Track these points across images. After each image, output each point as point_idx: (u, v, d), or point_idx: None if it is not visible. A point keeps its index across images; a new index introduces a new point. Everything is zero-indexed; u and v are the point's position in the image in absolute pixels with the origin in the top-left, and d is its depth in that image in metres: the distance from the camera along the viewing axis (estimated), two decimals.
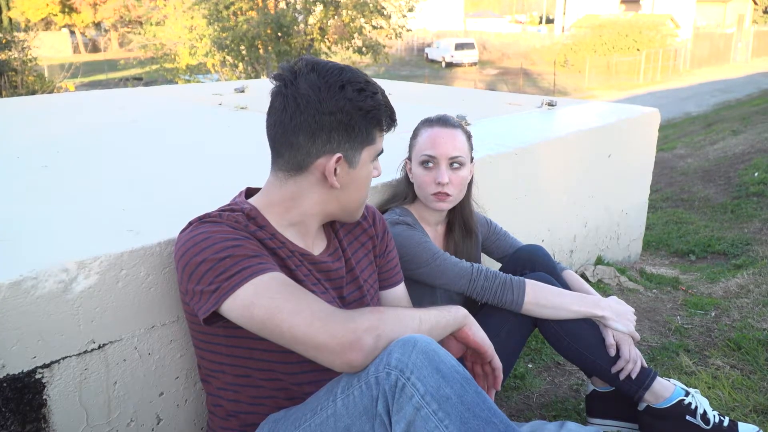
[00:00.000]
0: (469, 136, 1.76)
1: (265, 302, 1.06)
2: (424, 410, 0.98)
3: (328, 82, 1.17)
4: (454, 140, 1.69)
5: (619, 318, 1.60)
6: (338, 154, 1.20)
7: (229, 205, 1.28)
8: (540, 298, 1.59)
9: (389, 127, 1.27)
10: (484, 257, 2.01)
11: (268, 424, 1.21)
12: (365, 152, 1.24)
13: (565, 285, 1.73)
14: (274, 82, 1.21)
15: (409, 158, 1.77)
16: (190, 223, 1.22)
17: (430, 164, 1.68)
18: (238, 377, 1.24)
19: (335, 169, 1.21)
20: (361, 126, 1.20)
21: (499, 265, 1.92)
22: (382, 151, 1.29)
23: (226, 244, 1.12)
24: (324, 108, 1.16)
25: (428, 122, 1.75)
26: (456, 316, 1.24)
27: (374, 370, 1.03)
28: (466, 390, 1.01)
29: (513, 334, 1.64)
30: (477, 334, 1.26)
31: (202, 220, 1.20)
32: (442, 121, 1.72)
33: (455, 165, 1.68)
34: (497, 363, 1.30)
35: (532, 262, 1.75)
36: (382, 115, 1.23)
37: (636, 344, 1.64)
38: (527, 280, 1.61)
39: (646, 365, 1.62)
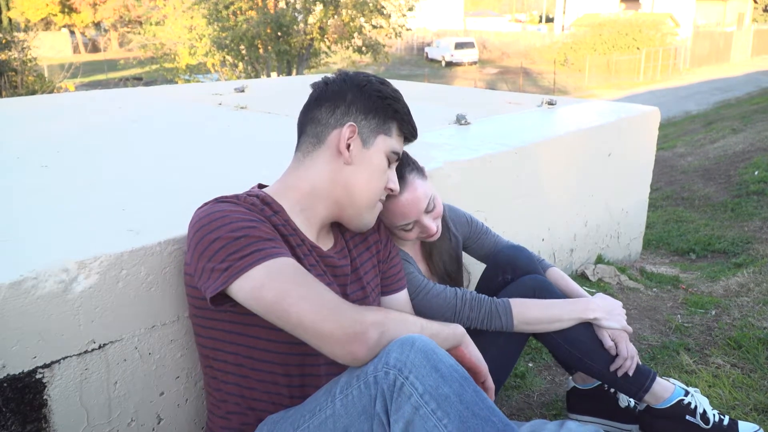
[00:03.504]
0: (418, 167, 1.57)
1: (276, 285, 1.06)
2: (423, 410, 0.98)
3: (354, 78, 1.32)
4: (416, 192, 1.51)
5: (611, 316, 1.60)
6: (351, 123, 1.28)
7: (244, 192, 1.29)
8: (528, 317, 1.57)
9: (407, 131, 1.36)
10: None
11: (267, 425, 1.21)
12: (380, 139, 1.31)
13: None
14: (311, 88, 1.35)
15: None
16: (206, 203, 1.22)
17: (410, 226, 1.56)
18: (239, 367, 1.24)
19: (349, 141, 1.27)
20: (379, 109, 1.30)
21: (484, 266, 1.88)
22: (399, 155, 1.35)
23: (242, 224, 1.12)
24: (347, 86, 1.30)
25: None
26: (455, 333, 1.23)
27: (372, 369, 1.03)
28: (464, 389, 1.00)
29: (511, 339, 1.64)
30: (473, 353, 1.25)
31: (218, 200, 1.21)
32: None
33: (430, 208, 1.56)
34: (490, 384, 1.29)
35: (513, 267, 1.71)
36: (400, 115, 1.33)
37: (634, 342, 1.64)
38: (513, 302, 1.58)
39: (640, 362, 1.62)
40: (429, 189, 1.55)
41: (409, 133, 1.37)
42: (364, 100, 1.29)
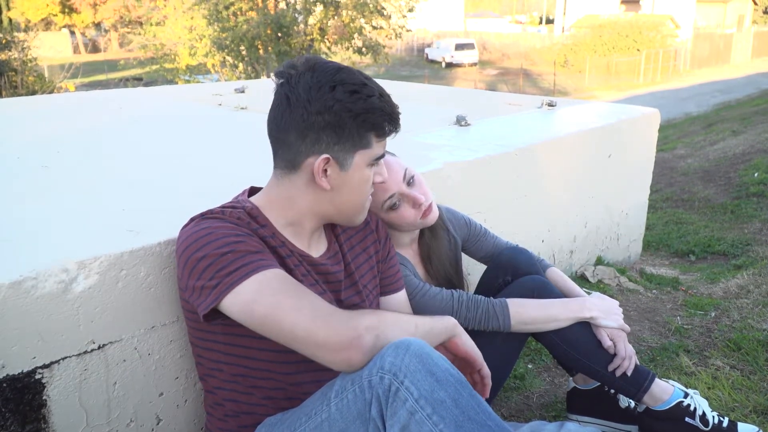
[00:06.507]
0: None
1: (267, 300, 1.06)
2: (419, 414, 0.97)
3: (320, 81, 1.15)
4: (389, 163, 1.51)
5: (607, 315, 1.60)
6: (325, 155, 1.17)
7: (231, 202, 1.28)
8: (525, 317, 1.57)
9: (388, 132, 1.23)
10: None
11: (265, 427, 1.21)
12: (358, 156, 1.20)
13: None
14: (276, 79, 1.21)
15: None
16: (192, 219, 1.22)
17: (395, 200, 1.54)
18: (235, 376, 1.24)
19: (326, 171, 1.19)
20: (352, 128, 1.17)
21: (484, 267, 1.88)
22: (381, 156, 1.26)
23: (227, 240, 1.11)
24: (312, 108, 1.15)
25: None
26: (447, 325, 1.24)
27: (367, 373, 1.02)
28: (460, 393, 1.00)
29: (509, 339, 1.64)
30: (466, 343, 1.26)
31: (204, 216, 1.20)
32: None
33: (410, 181, 1.56)
34: (486, 371, 1.29)
35: (513, 268, 1.72)
36: (377, 120, 1.19)
37: (634, 343, 1.64)
38: (509, 302, 1.58)
39: (638, 362, 1.62)
40: (402, 162, 1.56)
41: (389, 132, 1.24)
42: (334, 126, 1.15)
